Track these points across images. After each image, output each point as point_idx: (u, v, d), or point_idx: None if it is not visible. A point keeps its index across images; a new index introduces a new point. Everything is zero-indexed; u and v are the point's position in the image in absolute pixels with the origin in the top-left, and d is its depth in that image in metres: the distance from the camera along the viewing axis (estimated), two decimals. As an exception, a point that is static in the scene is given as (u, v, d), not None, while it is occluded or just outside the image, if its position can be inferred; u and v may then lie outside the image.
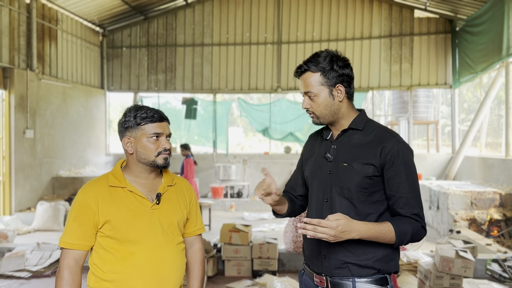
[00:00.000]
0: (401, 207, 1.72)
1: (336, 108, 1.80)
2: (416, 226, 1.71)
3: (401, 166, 1.71)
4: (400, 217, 1.72)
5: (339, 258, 1.74)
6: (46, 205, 8.37)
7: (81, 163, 11.37)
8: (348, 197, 1.75)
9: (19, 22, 9.08)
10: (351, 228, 1.60)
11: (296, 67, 1.83)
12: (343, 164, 1.77)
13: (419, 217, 1.72)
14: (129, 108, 1.84)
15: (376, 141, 1.75)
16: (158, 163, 1.80)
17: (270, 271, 5.22)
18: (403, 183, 1.71)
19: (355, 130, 1.82)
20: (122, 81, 12.75)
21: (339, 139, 1.84)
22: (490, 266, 5.00)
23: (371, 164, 1.72)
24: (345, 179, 1.76)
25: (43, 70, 9.87)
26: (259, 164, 12.37)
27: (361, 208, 1.75)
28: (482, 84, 12.63)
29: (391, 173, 1.72)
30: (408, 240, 1.71)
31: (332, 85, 1.77)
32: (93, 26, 12.07)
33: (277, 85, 12.17)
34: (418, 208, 1.72)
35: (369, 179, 1.73)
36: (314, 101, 1.79)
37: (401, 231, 1.68)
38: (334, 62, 1.77)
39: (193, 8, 12.44)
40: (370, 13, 11.85)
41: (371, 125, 1.82)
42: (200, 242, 2.03)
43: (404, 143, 1.76)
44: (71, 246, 1.74)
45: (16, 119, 8.79)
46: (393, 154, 1.71)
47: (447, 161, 11.36)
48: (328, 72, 1.76)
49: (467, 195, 7.27)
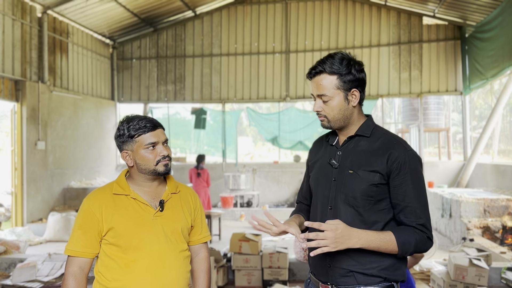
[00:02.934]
0: (406, 216, 1.67)
1: (349, 113, 1.75)
2: (421, 237, 1.66)
3: (408, 174, 1.67)
4: (404, 227, 1.68)
5: (344, 267, 1.70)
6: (57, 216, 8.43)
7: (92, 174, 11.45)
8: (354, 205, 1.71)
9: (31, 35, 9.24)
10: (350, 234, 1.58)
11: (311, 68, 1.75)
12: (348, 171, 1.73)
13: (424, 228, 1.66)
14: (121, 121, 1.82)
15: (383, 148, 1.71)
16: (159, 171, 1.79)
17: (280, 281, 5.17)
18: (409, 192, 1.67)
19: (362, 136, 1.77)
20: (132, 92, 12.87)
21: (345, 145, 1.79)
22: (505, 275, 4.90)
23: (377, 171, 1.68)
24: (350, 186, 1.71)
25: (54, 82, 10.00)
26: (268, 173, 12.34)
27: (366, 216, 1.70)
28: (493, 90, 12.52)
29: (397, 182, 1.67)
30: (412, 251, 1.66)
31: (348, 89, 1.72)
32: (103, 39, 12.23)
33: (286, 94, 12.19)
34: (424, 219, 1.67)
35: (375, 187, 1.68)
36: (328, 104, 1.73)
37: (404, 241, 1.64)
38: (352, 66, 1.71)
39: (201, 19, 12.56)
40: (378, 21, 11.85)
41: (378, 132, 1.77)
42: (206, 250, 2.02)
43: (411, 151, 1.71)
44: (76, 253, 1.75)
45: (28, 131, 8.91)
46: (400, 162, 1.67)
47: (459, 169, 11.23)
48: (345, 75, 1.70)
49: (480, 203, 7.17)
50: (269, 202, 12.00)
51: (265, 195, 12.13)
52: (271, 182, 12.25)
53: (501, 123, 16.21)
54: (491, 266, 4.91)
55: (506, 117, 17.57)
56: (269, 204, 11.76)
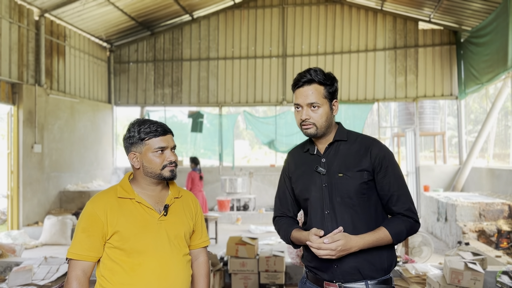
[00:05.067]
0: (394, 204, 1.86)
1: (331, 121, 1.92)
2: (410, 223, 1.84)
3: (389, 167, 1.86)
4: (393, 218, 1.87)
5: (351, 265, 1.82)
6: (53, 219, 8.41)
7: (88, 177, 11.43)
8: (350, 205, 1.85)
9: (28, 38, 9.24)
10: (350, 246, 1.74)
11: (298, 77, 1.88)
12: (338, 175, 1.87)
13: (411, 212, 1.85)
14: (132, 123, 1.85)
15: (363, 148, 1.88)
16: (164, 176, 1.82)
17: (277, 285, 5.18)
18: (393, 182, 1.85)
19: (340, 141, 1.93)
20: (129, 95, 12.87)
21: (327, 152, 1.93)
22: (500, 278, 4.93)
23: (365, 170, 1.85)
24: (344, 188, 1.85)
25: (51, 86, 9.99)
26: (265, 176, 12.36)
27: (362, 212, 1.85)
28: (489, 95, 12.61)
29: (381, 175, 1.85)
30: (405, 237, 1.85)
31: (331, 99, 1.90)
32: (100, 42, 12.24)
33: (283, 97, 12.22)
34: (409, 203, 1.86)
35: (365, 184, 1.84)
36: (316, 112, 1.86)
37: (396, 232, 1.82)
38: (333, 78, 1.89)
39: (199, 23, 12.59)
40: (374, 26, 11.92)
41: (353, 135, 1.95)
42: (205, 254, 2.04)
43: (385, 146, 1.92)
44: (80, 257, 1.75)
45: (24, 133, 8.89)
46: (380, 158, 1.85)
47: (455, 173, 11.29)
48: (329, 86, 1.88)
49: (475, 207, 7.21)
50: (265, 205, 12.01)
51: (262, 199, 12.14)
52: (268, 186, 12.27)
53: (496, 127, 16.31)
54: (486, 270, 4.93)
55: (501, 121, 17.68)
56: (266, 208, 11.77)
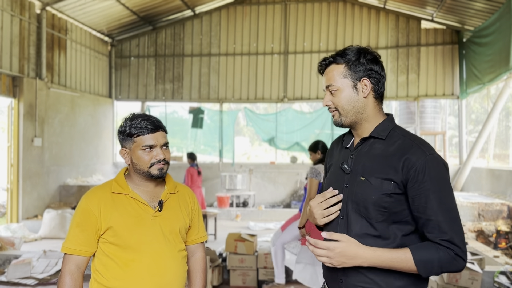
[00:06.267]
0: (429, 231, 1.45)
1: (360, 106, 1.57)
2: (445, 254, 1.42)
3: (427, 183, 1.44)
4: (427, 243, 1.46)
5: (356, 284, 1.52)
6: (53, 213, 8.42)
7: (88, 171, 11.43)
8: (365, 216, 1.52)
9: (29, 31, 9.22)
10: (354, 254, 1.44)
11: (321, 60, 1.63)
12: (360, 178, 1.54)
13: (451, 244, 1.42)
14: (125, 118, 1.84)
15: (398, 153, 1.50)
16: (152, 174, 1.78)
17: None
18: (430, 203, 1.44)
19: (377, 139, 1.58)
20: (130, 90, 12.86)
21: (358, 148, 1.61)
22: (498, 279, 4.94)
23: (391, 180, 1.48)
24: (361, 195, 1.52)
25: (52, 79, 9.98)
26: (265, 173, 12.36)
27: (380, 229, 1.51)
28: (490, 95, 12.58)
29: (416, 192, 1.46)
30: (437, 271, 1.44)
31: (357, 79, 1.56)
32: (101, 36, 12.21)
33: (284, 95, 12.21)
34: (451, 233, 1.42)
35: (388, 197, 1.48)
36: (335, 95, 1.58)
37: (423, 259, 1.42)
38: (361, 54, 1.57)
39: (200, 19, 12.56)
40: (376, 24, 11.89)
41: (397, 134, 1.56)
42: (202, 250, 2.03)
43: (433, 155, 1.48)
44: (74, 251, 1.75)
45: (24, 127, 8.89)
46: (417, 169, 1.45)
47: (455, 172, 11.29)
48: (353, 64, 1.56)
49: (474, 207, 7.21)
50: (265, 202, 12.02)
51: (261, 196, 12.14)
52: (268, 183, 12.27)
53: (497, 128, 16.30)
54: (484, 270, 4.94)
55: (502, 122, 17.66)
56: (265, 205, 11.78)
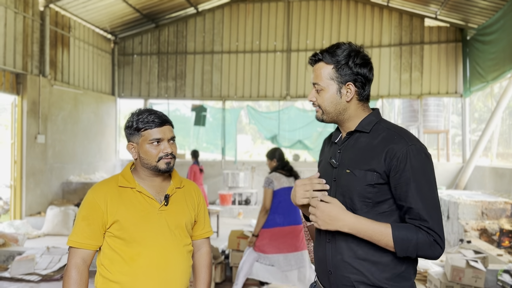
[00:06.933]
0: (411, 217, 1.49)
1: (341, 108, 1.62)
2: (425, 237, 1.45)
3: (409, 171, 1.48)
4: (409, 224, 1.50)
5: (345, 275, 1.56)
6: (56, 209, 8.44)
7: (91, 168, 11.46)
8: (352, 208, 1.55)
9: (33, 29, 9.23)
10: (336, 215, 1.50)
11: (312, 54, 1.66)
12: (345, 171, 1.59)
13: (431, 230, 1.46)
14: (132, 113, 1.84)
15: (382, 144, 1.54)
16: (160, 168, 1.78)
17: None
18: (412, 191, 1.47)
19: (362, 132, 1.62)
20: (132, 88, 12.87)
21: (345, 143, 1.65)
22: (501, 277, 4.93)
23: (374, 170, 1.52)
24: (346, 187, 1.57)
25: (55, 76, 10.00)
26: (267, 171, 12.32)
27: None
28: (493, 93, 12.54)
29: (397, 180, 1.50)
30: (413, 251, 1.47)
31: (343, 82, 1.59)
32: (105, 34, 12.22)
33: (286, 92, 12.19)
34: (431, 221, 1.46)
35: (372, 188, 1.52)
36: (320, 94, 1.63)
37: (401, 237, 1.46)
38: (351, 58, 1.58)
39: (203, 16, 12.55)
40: (380, 22, 11.86)
41: (381, 127, 1.60)
42: (207, 245, 2.03)
43: (415, 145, 1.51)
44: (79, 245, 1.74)
45: (28, 124, 8.91)
46: (399, 158, 1.49)
47: (458, 171, 11.26)
48: (341, 67, 1.58)
49: (477, 205, 7.19)
50: (267, 200, 12.00)
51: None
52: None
53: (501, 126, 16.25)
54: (487, 268, 4.93)
55: (506, 121, 17.61)
56: (268, 203, 11.76)
